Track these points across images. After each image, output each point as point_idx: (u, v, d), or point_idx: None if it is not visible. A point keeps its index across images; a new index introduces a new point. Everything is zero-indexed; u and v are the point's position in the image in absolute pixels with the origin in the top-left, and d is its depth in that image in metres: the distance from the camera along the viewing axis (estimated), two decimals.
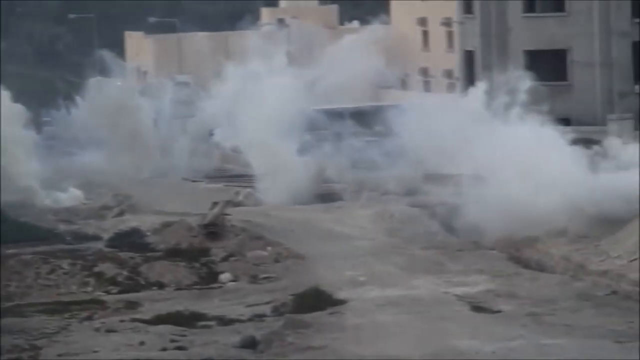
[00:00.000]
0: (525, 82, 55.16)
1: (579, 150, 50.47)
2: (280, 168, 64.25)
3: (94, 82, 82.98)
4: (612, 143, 53.00)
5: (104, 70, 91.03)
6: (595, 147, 52.85)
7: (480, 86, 62.22)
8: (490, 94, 58.91)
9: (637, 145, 50.45)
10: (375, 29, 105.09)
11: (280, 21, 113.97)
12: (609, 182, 46.35)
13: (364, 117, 74.73)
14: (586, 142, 54.50)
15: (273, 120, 65.15)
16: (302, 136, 66.93)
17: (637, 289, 38.41)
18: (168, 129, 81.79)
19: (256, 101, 66.17)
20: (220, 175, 77.68)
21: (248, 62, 71.08)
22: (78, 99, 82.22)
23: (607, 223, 46.04)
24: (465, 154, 52.26)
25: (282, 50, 78.80)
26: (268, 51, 74.17)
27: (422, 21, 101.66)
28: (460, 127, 54.27)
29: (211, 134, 75.10)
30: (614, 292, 39.86)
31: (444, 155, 54.65)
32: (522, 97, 52.95)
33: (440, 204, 54.73)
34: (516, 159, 48.69)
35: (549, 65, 74.04)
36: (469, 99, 62.91)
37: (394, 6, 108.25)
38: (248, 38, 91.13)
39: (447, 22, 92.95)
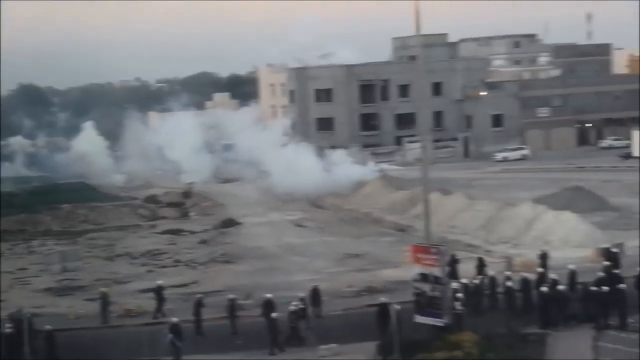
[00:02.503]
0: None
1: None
2: None
3: None
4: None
5: None
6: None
7: (278, 126, 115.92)
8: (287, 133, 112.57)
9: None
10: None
11: None
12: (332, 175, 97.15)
13: None
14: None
15: None
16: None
17: (358, 215, 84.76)
18: None
19: None
20: None
21: None
22: None
23: (348, 189, 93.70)
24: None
25: None
26: None
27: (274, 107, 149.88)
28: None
29: None
30: (357, 218, 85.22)
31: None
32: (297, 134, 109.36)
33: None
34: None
35: (326, 124, 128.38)
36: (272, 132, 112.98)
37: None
38: None
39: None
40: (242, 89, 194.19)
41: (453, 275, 53.27)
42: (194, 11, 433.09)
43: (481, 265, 53.73)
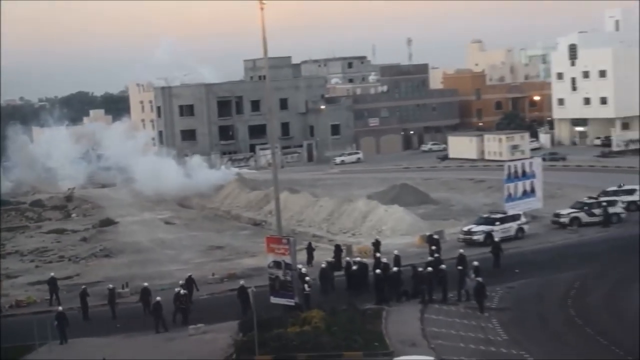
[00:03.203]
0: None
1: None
2: None
3: None
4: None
5: None
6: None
7: (143, 137, 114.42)
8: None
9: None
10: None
11: None
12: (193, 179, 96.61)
13: None
14: None
15: None
16: None
17: (219, 212, 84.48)
18: None
19: None
20: None
21: None
22: None
23: (210, 190, 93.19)
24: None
25: None
26: None
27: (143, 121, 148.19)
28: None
29: None
30: (218, 215, 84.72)
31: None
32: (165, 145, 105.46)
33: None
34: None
35: (189, 135, 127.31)
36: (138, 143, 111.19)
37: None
38: None
39: None
40: (116, 105, 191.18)
41: (310, 261, 54.32)
42: (70, 32, 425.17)
43: (338, 251, 54.50)
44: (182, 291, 45.30)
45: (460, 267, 46.20)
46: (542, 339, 38.78)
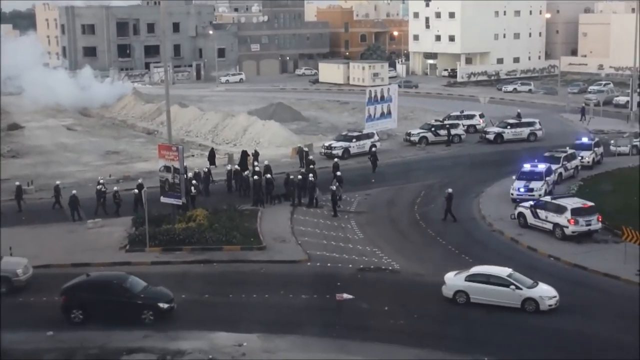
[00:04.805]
0: None
1: None
2: None
3: None
4: None
5: None
6: None
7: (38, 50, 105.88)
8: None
9: None
10: None
11: None
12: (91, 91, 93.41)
13: None
14: None
15: None
16: None
17: (117, 122, 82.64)
18: None
19: None
20: None
21: None
22: None
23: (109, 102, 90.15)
24: None
25: None
26: None
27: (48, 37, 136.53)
28: None
29: None
30: (116, 124, 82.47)
31: None
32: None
33: None
34: None
35: (90, 52, 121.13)
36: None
37: None
38: None
39: None
40: (23, 22, 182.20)
41: (213, 163, 54.57)
42: None
43: (212, 156, 54.60)
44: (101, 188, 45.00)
45: (312, 179, 46.42)
46: (392, 237, 39.75)
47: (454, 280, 30.02)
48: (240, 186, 48.17)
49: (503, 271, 30.00)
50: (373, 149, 57.02)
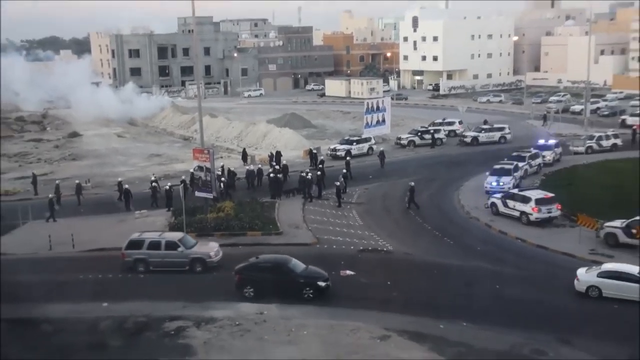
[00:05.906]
0: None
1: None
2: None
3: None
4: None
5: None
6: None
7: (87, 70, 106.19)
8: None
9: None
10: None
11: None
12: (137, 105, 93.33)
13: None
14: None
15: None
16: None
17: (158, 130, 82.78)
18: None
19: None
20: None
21: None
22: None
23: (152, 113, 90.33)
24: None
25: None
26: None
27: (101, 60, 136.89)
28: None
29: None
30: (157, 132, 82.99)
31: None
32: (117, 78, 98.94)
33: None
34: None
35: (136, 72, 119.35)
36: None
37: None
38: None
39: None
40: (81, 47, 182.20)
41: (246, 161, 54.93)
42: None
43: (245, 155, 54.95)
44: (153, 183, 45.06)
45: (319, 173, 46.31)
46: (386, 224, 39.68)
47: (586, 276, 27.61)
48: (258, 182, 48.17)
49: (633, 269, 27.39)
50: (381, 149, 57.65)
